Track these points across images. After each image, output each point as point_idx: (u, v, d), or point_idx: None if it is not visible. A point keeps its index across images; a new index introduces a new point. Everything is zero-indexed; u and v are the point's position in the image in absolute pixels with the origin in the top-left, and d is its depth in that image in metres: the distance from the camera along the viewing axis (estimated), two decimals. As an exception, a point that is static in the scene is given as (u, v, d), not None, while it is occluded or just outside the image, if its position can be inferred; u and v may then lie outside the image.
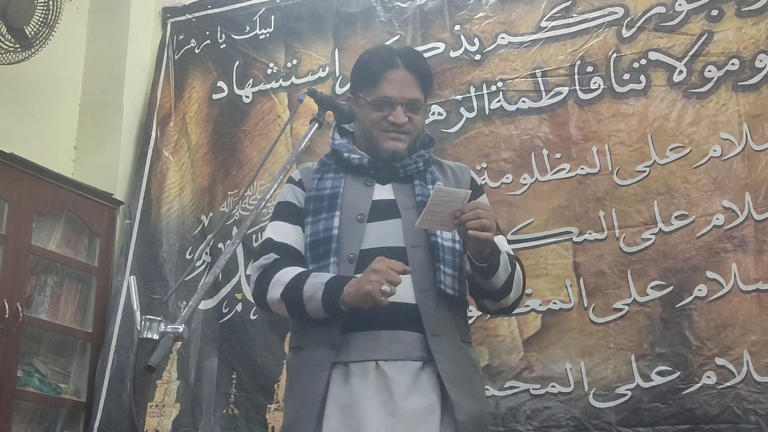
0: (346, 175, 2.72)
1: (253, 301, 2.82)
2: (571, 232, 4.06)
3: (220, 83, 5.22)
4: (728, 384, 3.61)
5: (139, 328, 1.94)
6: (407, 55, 2.77)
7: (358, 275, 2.49)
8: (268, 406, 4.43)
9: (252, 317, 4.63)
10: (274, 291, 2.59)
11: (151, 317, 1.94)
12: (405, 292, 2.51)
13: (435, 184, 2.64)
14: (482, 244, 2.47)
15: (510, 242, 4.01)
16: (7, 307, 4.37)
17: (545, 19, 4.38)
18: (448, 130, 4.45)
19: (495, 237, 2.63)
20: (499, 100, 4.38)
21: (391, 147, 2.68)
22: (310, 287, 2.52)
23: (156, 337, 1.92)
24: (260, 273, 2.66)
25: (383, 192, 2.69)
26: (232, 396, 4.57)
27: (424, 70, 2.77)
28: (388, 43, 4.71)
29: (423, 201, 2.60)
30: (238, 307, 4.69)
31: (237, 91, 5.15)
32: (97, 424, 4.69)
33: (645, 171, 3.99)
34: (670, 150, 3.95)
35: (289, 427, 2.62)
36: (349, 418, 2.47)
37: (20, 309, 4.44)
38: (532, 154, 4.24)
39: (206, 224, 4.98)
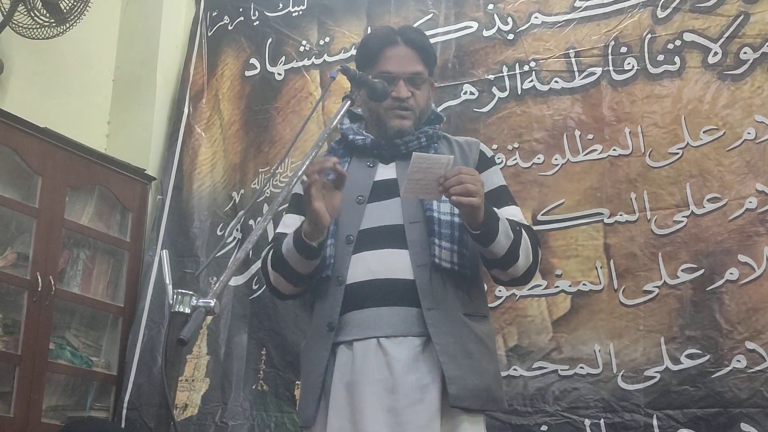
0: (351, 158, 2.75)
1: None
2: (603, 214, 4.04)
3: (253, 60, 5.23)
4: (758, 368, 3.58)
5: (171, 301, 1.95)
6: (406, 32, 2.80)
7: (355, 254, 2.57)
8: (297, 382, 4.44)
9: (282, 294, 4.64)
10: (270, 269, 2.68)
11: (183, 291, 1.95)
12: (404, 268, 2.55)
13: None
14: (471, 210, 2.45)
15: (540, 223, 4.07)
16: (40, 280, 4.42)
17: (579, -1, 4.36)
18: (480, 110, 4.44)
19: (507, 207, 2.66)
20: (531, 80, 4.36)
21: (396, 125, 2.71)
22: (285, 245, 2.59)
23: (188, 310, 1.93)
24: (262, 264, 2.75)
25: (386, 172, 2.71)
26: (261, 372, 4.59)
27: (425, 45, 2.79)
28: (421, 22, 4.70)
29: None
30: (268, 284, 4.71)
31: (269, 68, 5.16)
32: (127, 397, 4.73)
33: (678, 153, 3.96)
34: (704, 132, 3.92)
35: (299, 409, 2.71)
36: (352, 396, 2.51)
37: (53, 282, 4.48)
38: (564, 134, 4.21)
39: (237, 201, 5.00)
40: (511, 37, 4.48)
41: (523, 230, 2.62)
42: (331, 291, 2.59)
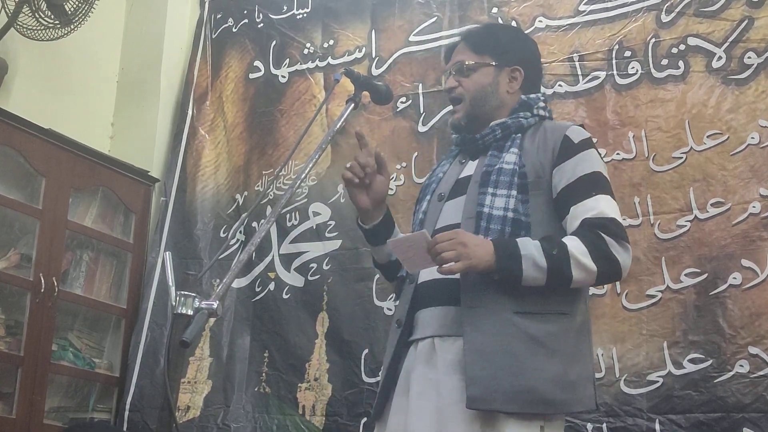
0: (457, 156, 2.80)
1: None
2: (606, 218, 4.03)
3: (257, 62, 5.23)
4: (761, 373, 3.57)
5: (173, 303, 1.95)
6: (468, 29, 3.00)
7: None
8: (299, 384, 4.46)
9: (284, 296, 4.65)
10: None
11: (186, 293, 1.96)
12: None
13: (510, 152, 2.60)
14: (461, 272, 2.43)
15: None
16: (43, 281, 4.42)
17: (584, 2, 4.34)
18: (484, 113, 4.43)
19: (584, 201, 2.52)
20: (535, 84, 4.35)
21: (450, 122, 2.81)
22: None
23: (190, 312, 1.94)
24: None
25: (470, 168, 2.71)
26: (263, 374, 4.59)
27: (474, 33, 2.83)
28: (425, 25, 4.71)
29: (488, 171, 2.59)
30: (271, 286, 4.71)
31: (273, 71, 5.16)
32: (129, 399, 4.73)
33: (682, 157, 3.95)
34: (708, 137, 3.91)
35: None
36: (405, 399, 2.54)
37: (56, 284, 4.48)
38: (568, 138, 4.21)
39: (241, 203, 5.00)
40: (515, 40, 4.47)
41: (567, 248, 2.45)
42: (405, 290, 2.66)
